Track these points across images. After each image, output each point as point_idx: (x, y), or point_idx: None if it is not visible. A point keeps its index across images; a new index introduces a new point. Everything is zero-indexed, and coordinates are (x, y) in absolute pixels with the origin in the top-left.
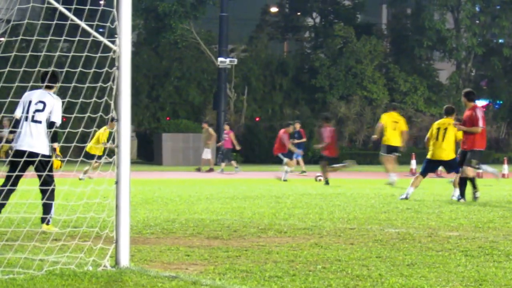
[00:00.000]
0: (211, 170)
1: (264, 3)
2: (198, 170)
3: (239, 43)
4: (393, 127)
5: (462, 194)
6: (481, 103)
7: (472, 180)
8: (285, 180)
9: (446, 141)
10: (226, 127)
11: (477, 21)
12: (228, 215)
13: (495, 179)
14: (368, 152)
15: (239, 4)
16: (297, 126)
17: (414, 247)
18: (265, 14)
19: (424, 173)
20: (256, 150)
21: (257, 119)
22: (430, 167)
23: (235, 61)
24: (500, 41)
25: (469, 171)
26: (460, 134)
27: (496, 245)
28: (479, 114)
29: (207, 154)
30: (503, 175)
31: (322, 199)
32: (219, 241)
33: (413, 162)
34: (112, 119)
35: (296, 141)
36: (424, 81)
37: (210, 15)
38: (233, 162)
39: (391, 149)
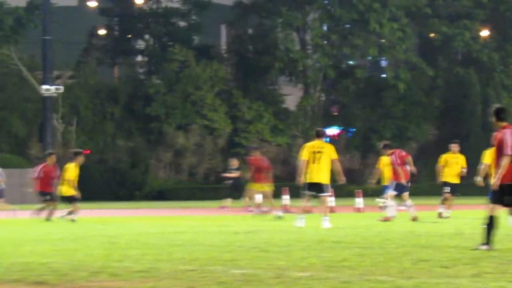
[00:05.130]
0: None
1: (90, 25)
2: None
3: (65, 68)
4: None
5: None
6: (332, 131)
7: None
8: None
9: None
10: None
11: (325, 41)
12: (57, 258)
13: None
14: (210, 186)
15: (63, 26)
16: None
17: None
18: (92, 37)
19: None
20: (87, 186)
21: (87, 151)
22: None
23: (62, 88)
24: (351, 62)
25: None
26: None
27: (350, 285)
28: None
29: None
30: (359, 210)
31: (161, 238)
32: (46, 286)
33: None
34: None
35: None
36: (269, 107)
37: (32, 39)
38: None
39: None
